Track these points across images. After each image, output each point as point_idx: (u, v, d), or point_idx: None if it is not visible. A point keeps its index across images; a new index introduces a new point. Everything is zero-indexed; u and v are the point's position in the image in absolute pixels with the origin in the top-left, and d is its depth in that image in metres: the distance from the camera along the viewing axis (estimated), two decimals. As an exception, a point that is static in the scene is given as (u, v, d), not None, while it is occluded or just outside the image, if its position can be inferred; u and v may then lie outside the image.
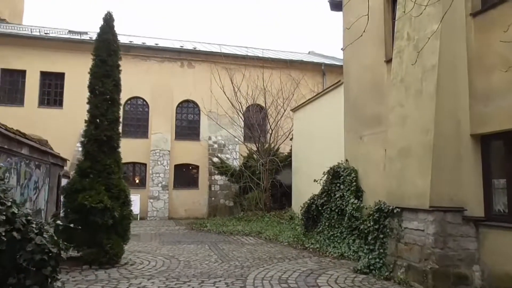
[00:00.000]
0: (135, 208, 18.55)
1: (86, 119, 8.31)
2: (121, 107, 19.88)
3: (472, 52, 6.61)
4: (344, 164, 10.74)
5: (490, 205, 6.43)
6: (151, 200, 19.30)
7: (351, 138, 10.62)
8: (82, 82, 20.29)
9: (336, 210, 10.26)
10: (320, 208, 10.89)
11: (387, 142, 7.93)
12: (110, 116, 8.24)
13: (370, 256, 7.59)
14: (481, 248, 6.39)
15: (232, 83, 16.85)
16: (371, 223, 7.77)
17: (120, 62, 8.76)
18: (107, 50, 8.20)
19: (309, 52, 27.47)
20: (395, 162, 7.44)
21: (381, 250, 7.46)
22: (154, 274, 7.43)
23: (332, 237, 10.14)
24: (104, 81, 8.20)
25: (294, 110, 15.52)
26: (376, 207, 7.65)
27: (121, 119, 8.74)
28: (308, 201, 11.41)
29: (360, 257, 8.47)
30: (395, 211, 7.16)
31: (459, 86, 6.69)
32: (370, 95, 9.68)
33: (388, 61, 8.83)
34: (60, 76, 19.78)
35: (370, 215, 8.02)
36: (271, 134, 17.50)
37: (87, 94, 12.21)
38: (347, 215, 9.73)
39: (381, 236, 7.51)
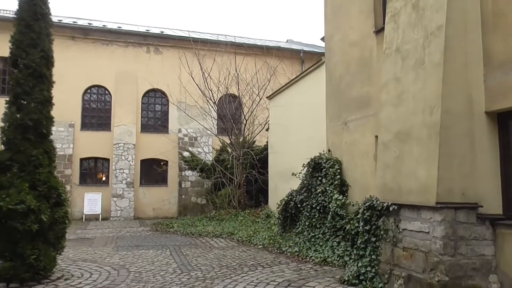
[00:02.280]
0: (97, 207, 16.90)
1: (7, 99, 6.61)
2: (81, 95, 18.30)
3: (488, 8, 5.29)
4: (326, 155, 9.38)
5: (510, 200, 5.14)
6: (115, 199, 17.56)
7: (334, 125, 9.26)
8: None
9: (318, 208, 8.90)
10: (299, 206, 9.50)
11: (379, 126, 6.57)
12: (37, 96, 6.58)
13: (360, 264, 6.22)
14: (499, 254, 5.09)
15: (201, 68, 15.23)
16: (361, 223, 6.40)
17: (76, 45, 7.16)
18: (32, 13, 6.52)
19: (287, 40, 26.05)
20: (390, 149, 6.08)
21: (373, 256, 6.10)
22: (90, 293, 5.88)
23: (313, 239, 8.77)
24: (29, 51, 6.52)
25: (270, 97, 14.08)
26: (367, 204, 6.28)
27: (50, 102, 6.97)
28: (286, 198, 10.02)
29: (346, 263, 7.14)
30: (390, 208, 5.80)
31: (471, 52, 5.36)
32: (357, 74, 8.33)
33: (379, 31, 7.48)
34: (11, 62, 17.73)
35: (358, 214, 6.65)
36: (245, 125, 16.01)
37: None
38: (330, 213, 8.37)
39: (373, 239, 6.15)
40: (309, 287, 6.10)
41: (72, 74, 17.92)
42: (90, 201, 17.15)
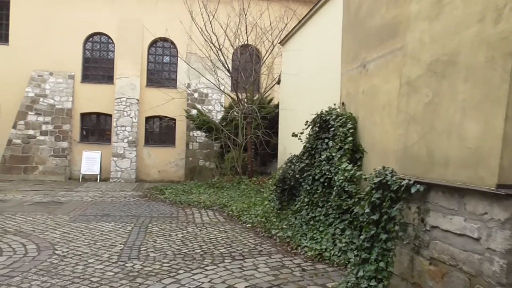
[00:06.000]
0: (95, 167, 15.40)
1: None
2: (81, 44, 16.47)
3: None
4: (338, 110, 6.96)
5: None
6: (115, 159, 15.94)
7: (350, 69, 6.77)
8: (33, 12, 16.84)
9: (321, 180, 6.59)
10: (298, 176, 7.22)
11: (404, 57, 4.08)
12: None
13: (361, 272, 3.96)
14: None
15: (206, 9, 12.75)
16: (366, 209, 4.07)
17: None
18: None
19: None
20: (418, 91, 3.63)
21: (382, 264, 3.80)
22: None
23: (312, 222, 6.53)
24: None
25: (283, 42, 11.53)
26: (377, 179, 3.92)
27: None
28: (284, 166, 7.75)
29: (348, 262, 4.91)
30: (412, 190, 3.45)
31: None
32: (382, -8, 5.73)
33: None
34: (4, 4, 16.07)
35: (366, 195, 4.31)
36: (253, 79, 13.58)
37: (40, 28, 8.51)
38: (335, 188, 6.05)
39: (383, 236, 3.81)
40: (279, 303, 3.95)
41: (71, 20, 16.15)
42: (88, 160, 15.63)
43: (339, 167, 6.05)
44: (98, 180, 15.51)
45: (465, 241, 2.90)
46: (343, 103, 7.00)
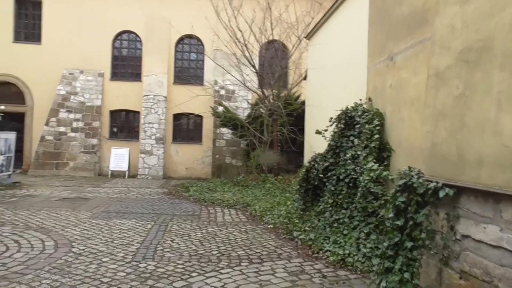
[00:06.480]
0: (123, 164, 15.57)
1: None
2: (111, 42, 16.68)
3: None
4: (364, 105, 6.58)
5: None
6: (143, 155, 16.03)
7: (376, 62, 6.38)
8: (64, 12, 17.17)
9: (346, 180, 6.26)
10: (321, 175, 6.89)
11: (432, 45, 3.70)
12: None
13: (384, 283, 3.63)
14: None
15: (230, 4, 12.52)
16: (391, 214, 3.72)
17: None
18: None
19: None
20: (447, 83, 3.25)
21: (407, 275, 3.44)
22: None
23: (336, 224, 6.20)
24: None
25: (309, 36, 11.16)
26: (401, 181, 3.57)
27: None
28: (308, 164, 7.43)
29: (373, 270, 4.56)
30: (441, 194, 3.09)
31: None
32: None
33: None
34: (38, 5, 16.47)
35: (391, 197, 3.95)
36: (280, 74, 13.24)
37: (71, 27, 8.30)
38: (360, 189, 5.70)
39: (409, 244, 3.46)
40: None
41: (101, 19, 16.40)
42: (117, 157, 15.82)
43: (365, 167, 5.69)
44: (126, 177, 15.67)
45: (502, 254, 2.53)
46: (369, 98, 6.61)
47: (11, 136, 12.22)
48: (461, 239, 2.93)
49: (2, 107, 15.10)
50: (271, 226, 7.36)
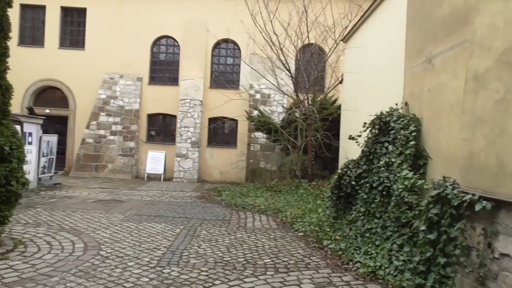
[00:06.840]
0: (159, 167, 15.80)
1: None
2: (149, 47, 17.04)
3: None
4: (400, 110, 6.27)
5: None
6: (178, 159, 16.23)
7: (414, 65, 6.06)
8: (106, 19, 17.72)
9: (379, 189, 5.97)
10: (354, 183, 6.63)
11: (471, 46, 3.41)
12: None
13: (415, 301, 3.37)
14: None
15: (266, 8, 12.45)
16: (422, 227, 3.47)
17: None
18: None
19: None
20: (486, 87, 2.97)
21: (440, 294, 3.18)
22: None
23: (368, 234, 5.93)
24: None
25: (346, 39, 10.88)
26: (434, 192, 3.30)
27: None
28: (340, 171, 7.19)
29: (404, 284, 4.27)
30: (477, 207, 2.81)
31: None
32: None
33: None
34: (82, 12, 17.12)
35: (424, 209, 3.68)
36: (315, 78, 12.99)
37: (112, 33, 8.21)
38: (393, 198, 5.41)
39: (441, 260, 3.20)
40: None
41: (140, 25, 16.83)
42: (153, 160, 16.10)
43: (399, 175, 5.40)
44: (162, 180, 15.91)
45: (546, 279, 2.24)
46: (406, 103, 6.29)
47: (53, 138, 12.70)
48: (499, 257, 2.65)
49: (47, 110, 15.78)
50: (301, 234, 7.16)
